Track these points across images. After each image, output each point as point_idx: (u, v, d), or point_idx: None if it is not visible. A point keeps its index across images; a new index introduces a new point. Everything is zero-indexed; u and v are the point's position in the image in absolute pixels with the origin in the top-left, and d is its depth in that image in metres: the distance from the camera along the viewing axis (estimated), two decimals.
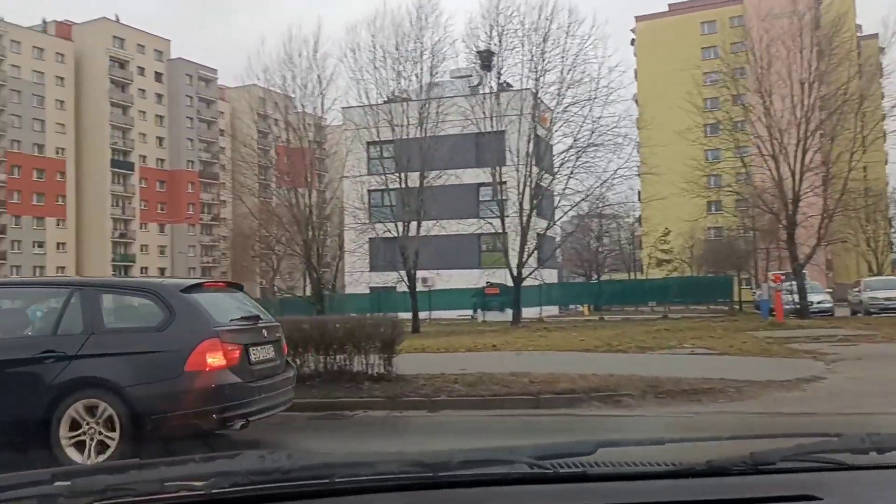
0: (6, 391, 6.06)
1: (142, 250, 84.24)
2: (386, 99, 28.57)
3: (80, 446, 5.88)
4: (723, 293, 39.85)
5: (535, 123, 29.24)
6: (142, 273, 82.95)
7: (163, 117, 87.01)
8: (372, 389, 9.37)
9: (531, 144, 28.68)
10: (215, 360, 6.07)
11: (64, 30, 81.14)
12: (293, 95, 28.64)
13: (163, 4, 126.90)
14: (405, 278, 27.61)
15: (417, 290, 28.24)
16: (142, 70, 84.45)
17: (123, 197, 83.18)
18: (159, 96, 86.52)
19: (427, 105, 27.70)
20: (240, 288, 8.02)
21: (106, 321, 6.36)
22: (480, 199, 38.16)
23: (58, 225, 79.16)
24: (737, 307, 39.24)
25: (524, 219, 28.01)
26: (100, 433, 5.84)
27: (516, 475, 1.48)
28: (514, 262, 28.16)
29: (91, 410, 5.89)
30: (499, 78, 28.61)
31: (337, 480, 1.41)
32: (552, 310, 38.21)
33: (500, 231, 28.97)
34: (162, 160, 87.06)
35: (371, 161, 39.29)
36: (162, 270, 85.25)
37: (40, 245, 77.12)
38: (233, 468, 1.46)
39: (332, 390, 9.28)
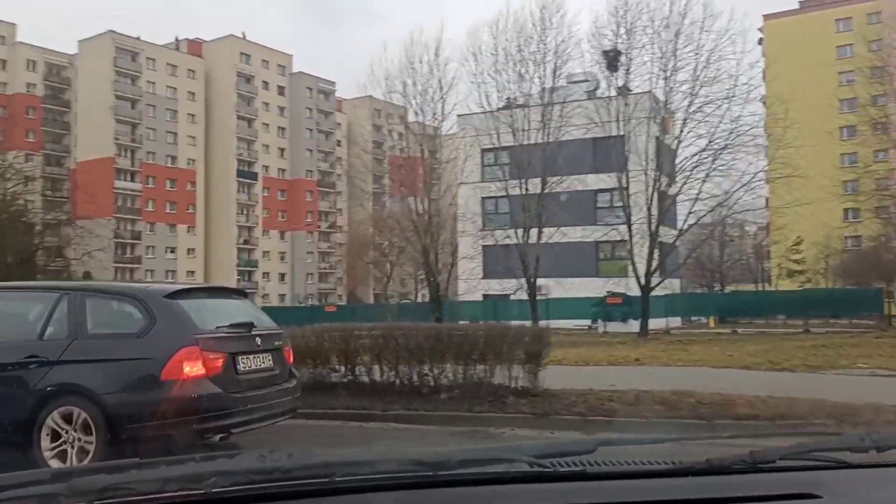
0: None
1: (264, 256, 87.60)
2: (506, 103, 28.03)
3: (62, 456, 5.73)
4: (871, 307, 36.64)
5: (660, 127, 27.82)
6: (263, 278, 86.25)
7: (284, 129, 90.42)
8: (518, 405, 8.66)
9: (657, 148, 27.29)
10: (194, 369, 5.79)
11: (195, 47, 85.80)
12: (414, 101, 28.53)
13: (286, 20, 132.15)
14: (524, 286, 26.88)
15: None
16: (266, 84, 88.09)
17: (247, 205, 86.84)
18: (281, 109, 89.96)
19: (550, 108, 26.91)
20: (242, 294, 7.77)
21: (89, 327, 6.15)
22: (598, 205, 36.92)
23: (188, 231, 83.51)
24: (888, 321, 35.96)
25: (652, 225, 26.64)
26: (79, 440, 5.71)
27: (516, 474, 1.48)
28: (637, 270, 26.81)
29: (68, 418, 5.74)
30: (626, 78, 27.25)
31: (337, 479, 1.40)
32: (674, 321, 36.42)
33: (624, 239, 27.76)
34: (283, 170, 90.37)
35: (486, 168, 38.75)
36: (282, 276, 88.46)
37: (172, 251, 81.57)
38: (233, 467, 1.46)
39: (474, 404, 8.64)
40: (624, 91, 27.71)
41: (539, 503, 1.45)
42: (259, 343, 6.56)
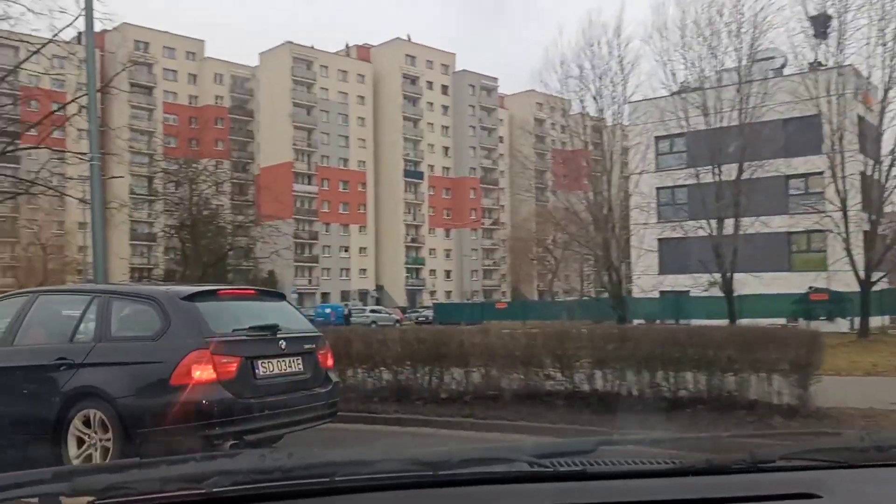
0: (30, 396, 6.14)
1: (430, 254, 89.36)
2: (694, 82, 25.81)
3: (88, 457, 5.76)
4: None
5: (861, 103, 24.71)
6: (430, 275, 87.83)
7: (448, 128, 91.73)
8: (791, 429, 7.16)
9: (860, 127, 24.24)
10: (203, 373, 5.65)
11: (364, 53, 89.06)
12: (592, 85, 27.04)
13: (450, 19, 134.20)
14: (710, 280, 24.81)
15: (712, 294, 25.33)
16: (430, 84, 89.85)
17: (414, 204, 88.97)
18: (445, 108, 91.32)
19: (748, 86, 24.46)
20: (278, 295, 7.56)
21: (113, 330, 6.19)
22: (790, 192, 33.69)
23: (360, 231, 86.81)
24: None
25: (874, 214, 23.71)
26: (100, 440, 5.74)
27: (516, 473, 1.49)
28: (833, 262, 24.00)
29: (89, 420, 5.79)
30: (839, 46, 23.95)
31: (337, 479, 1.41)
32: (878, 320, 32.54)
33: (825, 229, 24.92)
34: (447, 168, 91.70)
35: (660, 157, 36.59)
36: (448, 273, 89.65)
37: (346, 250, 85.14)
38: (234, 467, 1.46)
39: (728, 425, 7.33)
40: (829, 62, 24.66)
41: (539, 503, 1.44)
42: (283, 346, 6.33)
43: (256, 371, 6.05)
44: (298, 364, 6.45)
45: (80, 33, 14.02)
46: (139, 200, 56.17)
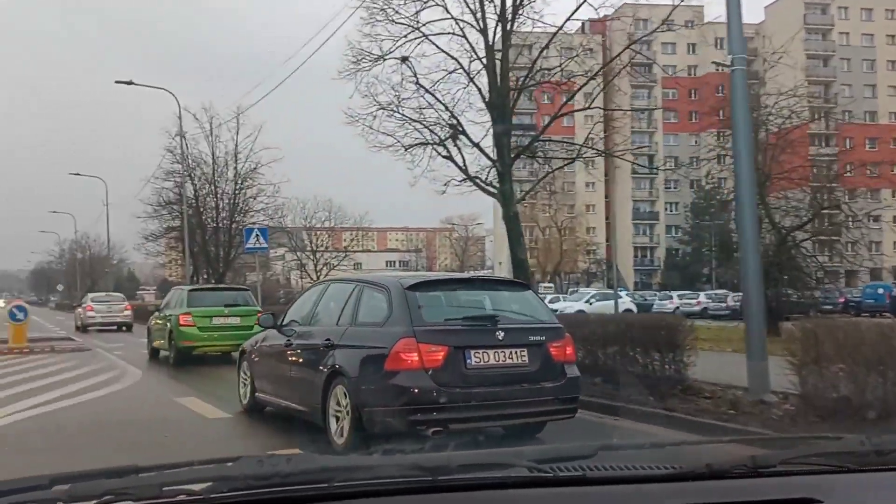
0: (314, 367, 6.91)
1: None
2: None
3: (340, 428, 6.45)
4: None
5: None
6: None
7: None
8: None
9: None
10: (409, 360, 6.01)
11: None
12: None
13: None
14: None
15: None
16: None
17: None
18: None
19: None
20: (520, 286, 7.87)
21: (360, 316, 6.82)
22: None
23: (893, 196, 73.63)
24: None
25: None
26: (346, 415, 6.36)
27: (516, 479, 1.49)
28: None
29: (339, 395, 6.44)
30: None
31: (336, 485, 1.43)
32: None
33: None
34: None
35: None
36: None
37: (875, 220, 73.11)
38: (232, 473, 1.47)
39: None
40: None
41: None
42: (501, 337, 6.34)
43: (468, 361, 6.20)
44: (522, 356, 6.44)
45: (582, 23, 15.46)
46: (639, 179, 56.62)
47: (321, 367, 6.71)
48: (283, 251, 53.35)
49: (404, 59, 16.82)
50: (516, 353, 6.37)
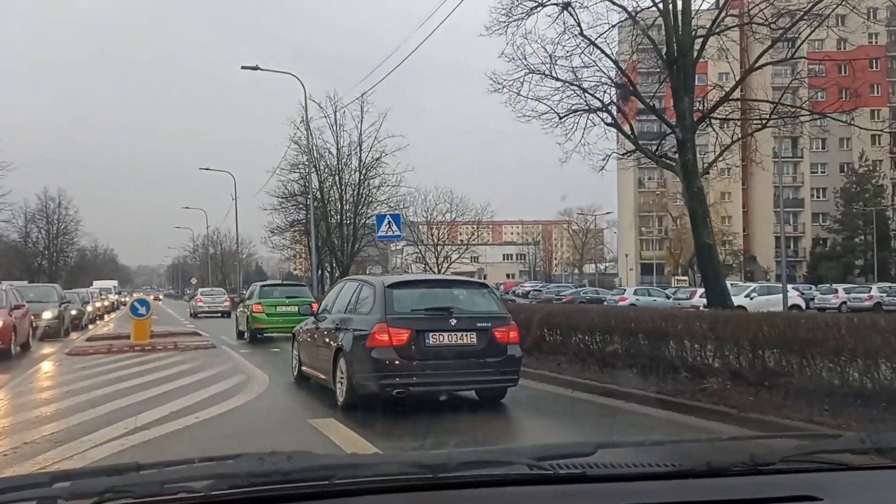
0: (324, 345, 9.28)
1: None
2: None
3: (341, 385, 8.47)
4: None
5: None
6: None
7: None
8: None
9: None
10: (382, 340, 7.93)
11: None
12: None
13: None
14: None
15: None
16: None
17: None
18: None
19: None
20: (478, 285, 10.03)
21: (357, 307, 8.87)
22: None
23: None
24: None
25: None
26: (345, 380, 8.37)
27: (516, 476, 1.51)
28: None
29: (341, 367, 8.49)
30: None
31: (336, 482, 1.43)
32: None
33: None
34: None
35: None
36: None
37: None
38: (232, 470, 1.47)
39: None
40: None
41: None
42: (454, 323, 8.13)
43: (427, 341, 8.06)
44: (472, 338, 8.21)
45: None
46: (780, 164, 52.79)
47: (332, 345, 8.85)
48: (402, 244, 54.19)
49: (566, 6, 15.08)
50: (466, 335, 8.19)
